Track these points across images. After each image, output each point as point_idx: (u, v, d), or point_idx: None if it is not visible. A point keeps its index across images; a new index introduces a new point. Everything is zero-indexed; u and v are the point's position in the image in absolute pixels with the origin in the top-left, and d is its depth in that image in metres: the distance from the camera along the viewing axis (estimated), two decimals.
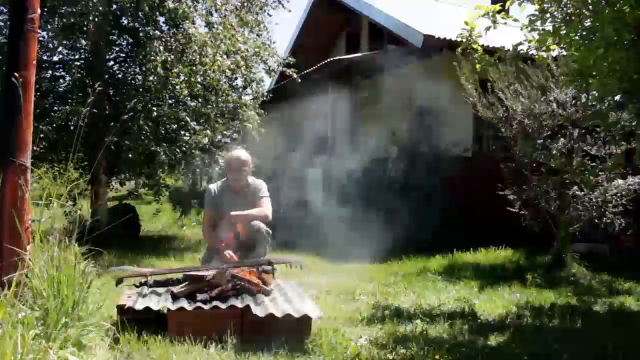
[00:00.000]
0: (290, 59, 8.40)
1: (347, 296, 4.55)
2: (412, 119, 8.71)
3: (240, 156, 4.15)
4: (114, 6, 6.52)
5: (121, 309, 3.16)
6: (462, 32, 4.15)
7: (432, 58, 8.35)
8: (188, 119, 6.78)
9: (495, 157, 6.58)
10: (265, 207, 4.12)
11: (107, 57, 7.33)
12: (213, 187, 4.27)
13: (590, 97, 5.22)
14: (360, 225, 7.25)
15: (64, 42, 6.97)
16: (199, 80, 6.96)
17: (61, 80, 7.26)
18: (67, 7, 6.35)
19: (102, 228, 3.46)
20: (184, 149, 6.85)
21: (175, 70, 6.63)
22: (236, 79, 7.85)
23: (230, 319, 3.04)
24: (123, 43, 7.43)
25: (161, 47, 6.44)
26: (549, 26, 3.77)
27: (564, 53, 4.16)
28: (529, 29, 3.86)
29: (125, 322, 2.98)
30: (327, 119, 10.69)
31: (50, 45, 7.13)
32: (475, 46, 4.15)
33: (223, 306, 3.13)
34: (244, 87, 7.98)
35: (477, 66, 4.27)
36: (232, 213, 3.93)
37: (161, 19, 6.83)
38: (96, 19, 6.27)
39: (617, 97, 4.02)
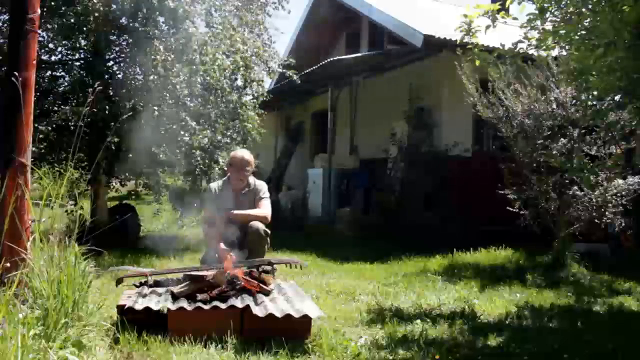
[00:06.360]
0: (291, 60, 8.42)
1: (347, 296, 4.54)
2: (411, 119, 8.71)
3: (244, 156, 4.18)
4: (114, 6, 6.51)
5: (121, 309, 3.16)
6: (461, 25, 4.12)
7: (432, 58, 8.37)
8: (188, 119, 6.78)
9: (495, 157, 6.57)
10: (265, 208, 4.14)
11: (107, 57, 7.31)
12: (214, 186, 4.28)
13: (590, 97, 5.21)
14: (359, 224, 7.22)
15: (64, 42, 6.96)
16: (198, 80, 6.96)
17: (61, 80, 7.25)
18: (67, 7, 6.34)
19: (102, 228, 3.45)
20: (183, 149, 6.84)
21: (175, 69, 6.62)
22: (236, 79, 7.84)
23: (230, 319, 3.03)
24: (123, 43, 7.42)
25: (161, 47, 6.43)
26: (548, 25, 3.76)
27: (564, 53, 4.15)
28: (529, 27, 3.85)
29: (125, 322, 2.98)
30: (326, 118, 10.70)
31: (51, 45, 7.12)
32: (474, 39, 4.13)
33: (223, 306, 3.13)
34: (244, 87, 7.98)
35: (477, 62, 4.25)
36: (232, 212, 3.94)
37: (161, 19, 6.82)
38: (96, 20, 6.26)
39: (617, 97, 4.01)
